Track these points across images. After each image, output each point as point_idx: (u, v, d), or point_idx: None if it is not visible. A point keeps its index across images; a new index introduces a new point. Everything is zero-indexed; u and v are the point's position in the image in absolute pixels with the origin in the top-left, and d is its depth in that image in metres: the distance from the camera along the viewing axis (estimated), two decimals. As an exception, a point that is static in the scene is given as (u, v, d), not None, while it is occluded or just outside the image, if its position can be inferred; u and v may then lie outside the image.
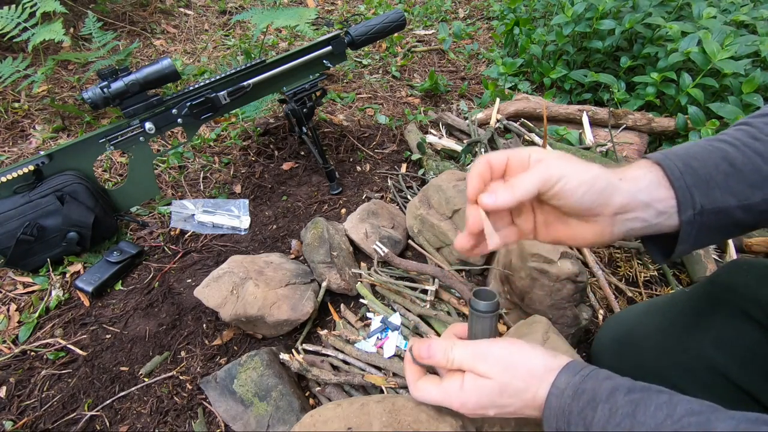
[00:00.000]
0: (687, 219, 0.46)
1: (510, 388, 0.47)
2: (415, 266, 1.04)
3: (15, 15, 1.61)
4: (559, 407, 0.44)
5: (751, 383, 0.64)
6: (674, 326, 0.74)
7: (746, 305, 0.63)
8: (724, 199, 0.46)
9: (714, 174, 0.46)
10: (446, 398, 0.51)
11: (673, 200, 0.46)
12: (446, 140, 1.51)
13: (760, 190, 0.46)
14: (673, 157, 0.47)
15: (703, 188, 0.46)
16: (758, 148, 0.47)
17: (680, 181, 0.45)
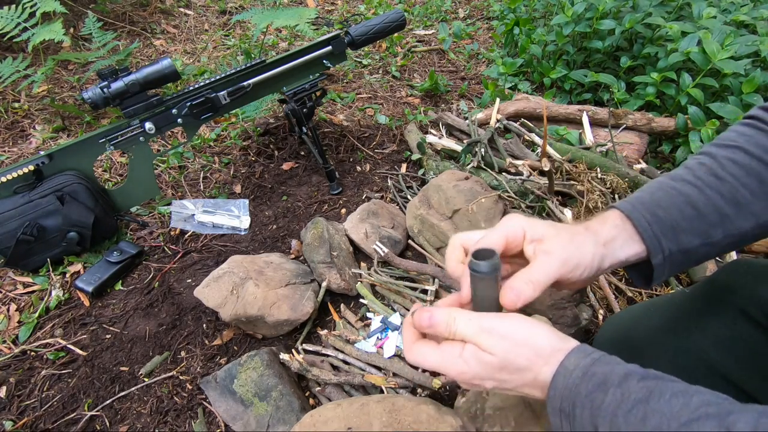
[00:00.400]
0: (657, 262, 0.52)
1: (512, 366, 0.45)
2: (415, 266, 1.04)
3: (15, 15, 1.61)
4: (566, 387, 0.42)
5: (750, 383, 0.64)
6: (674, 326, 0.74)
7: (746, 305, 0.63)
8: (688, 241, 0.52)
9: (679, 220, 0.52)
10: (443, 363, 0.47)
11: (644, 252, 0.52)
12: (446, 140, 1.51)
13: (720, 227, 0.52)
14: (641, 208, 0.52)
15: (670, 235, 0.51)
16: (719, 188, 0.52)
17: (648, 232, 0.51)
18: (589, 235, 0.51)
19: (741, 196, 0.52)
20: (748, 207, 0.52)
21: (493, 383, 0.46)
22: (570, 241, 0.50)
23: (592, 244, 0.51)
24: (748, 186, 0.52)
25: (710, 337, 0.68)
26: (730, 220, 0.52)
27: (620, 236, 0.52)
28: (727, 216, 0.52)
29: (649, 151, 1.52)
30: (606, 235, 0.52)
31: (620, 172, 1.31)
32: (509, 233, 0.52)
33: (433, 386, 0.81)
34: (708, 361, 0.67)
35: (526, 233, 0.52)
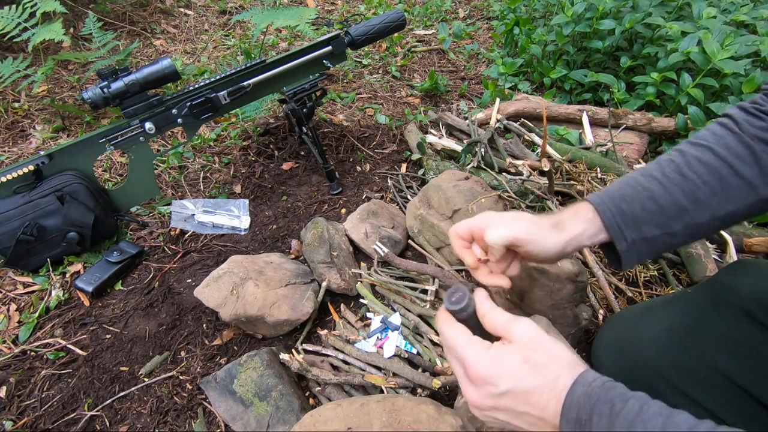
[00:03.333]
0: (622, 248, 0.60)
1: (534, 358, 0.45)
2: (415, 266, 1.04)
3: (15, 15, 1.61)
4: (585, 394, 0.42)
5: (752, 384, 0.64)
6: (675, 326, 0.74)
7: (748, 306, 0.63)
8: (649, 231, 0.59)
9: (640, 213, 0.59)
10: (467, 346, 0.48)
11: (609, 239, 0.60)
12: (446, 140, 1.51)
13: (679, 220, 0.59)
14: (609, 202, 0.60)
15: (631, 225, 0.59)
16: (682, 186, 0.59)
17: (612, 222, 0.59)
18: (556, 233, 0.61)
19: (701, 193, 0.58)
20: (707, 203, 0.58)
21: (509, 383, 0.45)
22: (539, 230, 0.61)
23: (555, 239, 0.61)
24: (709, 184, 0.58)
25: (712, 337, 0.68)
26: (688, 214, 0.58)
27: (588, 230, 0.61)
28: (686, 210, 0.58)
29: (649, 151, 1.52)
30: (574, 231, 0.61)
31: (620, 172, 1.31)
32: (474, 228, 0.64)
33: (433, 386, 0.81)
34: (710, 362, 0.67)
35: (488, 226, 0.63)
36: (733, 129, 0.60)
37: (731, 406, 0.66)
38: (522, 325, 0.48)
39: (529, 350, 0.46)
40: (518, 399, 0.45)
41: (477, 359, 0.47)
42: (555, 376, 0.44)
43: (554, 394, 0.44)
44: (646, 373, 0.76)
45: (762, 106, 0.60)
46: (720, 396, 0.67)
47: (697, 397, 0.69)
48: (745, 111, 0.61)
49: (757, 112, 0.60)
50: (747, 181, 0.57)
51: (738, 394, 0.65)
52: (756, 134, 0.58)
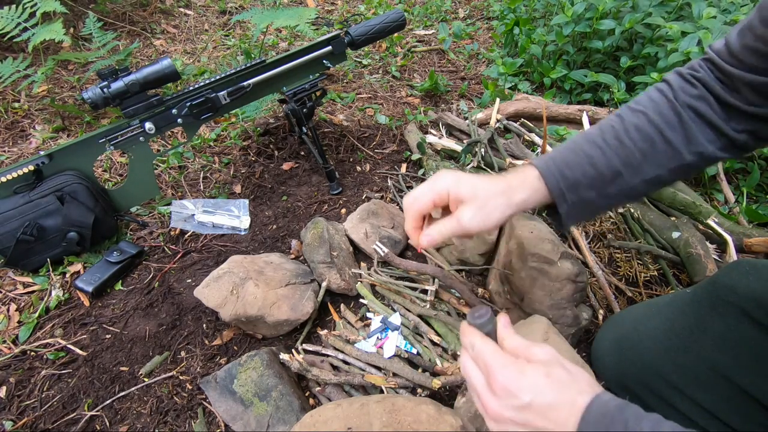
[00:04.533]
0: (563, 210, 0.64)
1: (556, 374, 0.46)
2: (415, 266, 1.04)
3: (15, 15, 1.61)
4: (601, 414, 0.43)
5: (751, 383, 0.64)
6: (675, 326, 0.74)
7: (748, 306, 0.63)
8: (587, 194, 0.63)
9: (580, 178, 0.63)
10: (494, 356, 0.49)
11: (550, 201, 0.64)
12: (446, 140, 1.51)
13: (614, 184, 0.62)
14: (554, 168, 0.63)
15: (572, 189, 0.63)
16: (618, 150, 0.62)
17: (556, 188, 0.63)
18: (504, 198, 0.63)
19: (634, 158, 0.61)
20: (638, 167, 0.62)
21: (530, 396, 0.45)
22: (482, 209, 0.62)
23: (503, 207, 0.62)
24: (641, 149, 0.61)
25: (712, 337, 0.68)
26: (622, 177, 0.62)
27: (534, 196, 0.64)
28: (621, 174, 0.62)
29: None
30: (521, 196, 0.63)
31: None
32: (436, 198, 0.64)
33: (433, 386, 0.81)
34: (710, 362, 0.67)
35: (450, 194, 0.63)
36: (668, 95, 0.62)
37: (730, 405, 0.66)
38: (542, 347, 0.49)
39: (551, 367, 0.47)
40: (538, 413, 0.45)
41: (503, 369, 0.47)
42: (575, 394, 0.45)
43: (574, 411, 0.44)
44: (646, 372, 0.76)
45: (696, 72, 0.62)
46: (719, 396, 0.67)
47: (697, 396, 0.69)
48: (682, 77, 0.64)
49: (692, 78, 0.62)
50: (673, 147, 0.61)
51: (737, 394, 0.65)
52: (687, 102, 0.61)
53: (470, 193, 0.62)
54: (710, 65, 0.62)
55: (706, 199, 1.34)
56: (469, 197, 0.62)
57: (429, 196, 0.64)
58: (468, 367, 0.52)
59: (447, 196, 0.63)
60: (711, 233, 1.16)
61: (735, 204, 1.32)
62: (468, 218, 0.61)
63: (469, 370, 0.52)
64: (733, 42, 0.58)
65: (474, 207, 0.62)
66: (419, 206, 0.65)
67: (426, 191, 0.64)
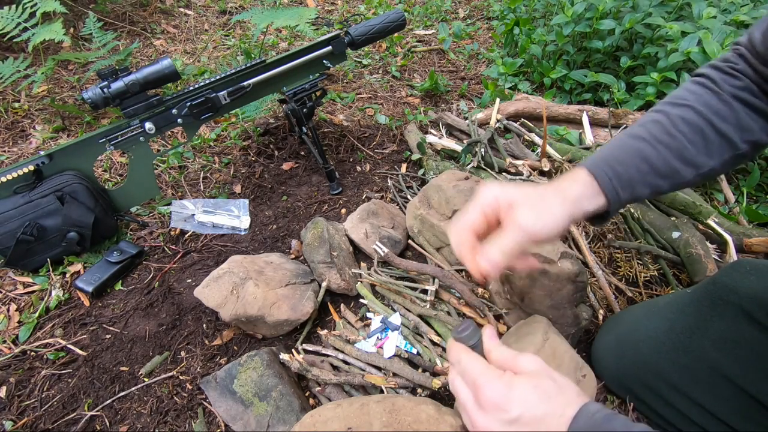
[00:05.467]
0: (613, 209, 0.60)
1: (544, 386, 0.46)
2: (415, 266, 1.04)
3: (15, 15, 1.61)
4: (587, 425, 0.44)
5: (751, 383, 0.64)
6: (675, 326, 0.74)
7: (748, 306, 0.63)
8: (641, 191, 0.61)
9: (635, 175, 0.60)
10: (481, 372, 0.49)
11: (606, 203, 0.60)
12: (446, 140, 1.51)
13: (668, 179, 0.60)
14: (604, 166, 0.60)
15: (627, 187, 0.59)
16: (670, 144, 0.60)
17: (609, 187, 0.59)
18: (558, 196, 0.57)
19: (687, 151, 0.60)
20: (692, 160, 0.60)
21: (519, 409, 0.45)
22: (538, 206, 0.56)
23: (559, 204, 0.57)
24: (693, 142, 0.60)
25: (712, 337, 0.68)
26: (677, 172, 0.60)
27: (587, 192, 0.59)
28: (675, 169, 0.60)
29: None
30: (574, 193, 0.58)
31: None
32: (484, 205, 0.58)
33: (433, 386, 0.81)
34: (709, 362, 0.67)
35: (499, 202, 0.58)
36: (712, 87, 0.62)
37: (730, 405, 0.66)
38: (529, 358, 0.49)
39: (539, 379, 0.47)
40: (527, 426, 0.45)
41: (490, 384, 0.47)
42: (564, 405, 0.45)
43: (562, 422, 0.44)
44: (646, 372, 0.76)
45: (736, 65, 0.62)
46: (719, 396, 0.67)
47: (697, 397, 0.69)
48: (720, 70, 0.63)
49: (732, 71, 0.62)
50: (726, 138, 0.60)
51: (737, 394, 0.65)
52: (733, 92, 0.60)
53: (521, 194, 0.57)
54: (744, 59, 0.61)
55: (706, 199, 1.34)
56: (521, 198, 0.56)
57: (477, 208, 0.57)
58: (456, 384, 0.52)
59: (496, 203, 0.57)
60: (711, 233, 1.16)
61: (735, 204, 1.32)
62: (530, 221, 0.54)
63: (457, 386, 0.52)
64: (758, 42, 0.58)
65: (530, 206, 0.55)
66: (469, 222, 0.57)
67: (472, 206, 0.58)
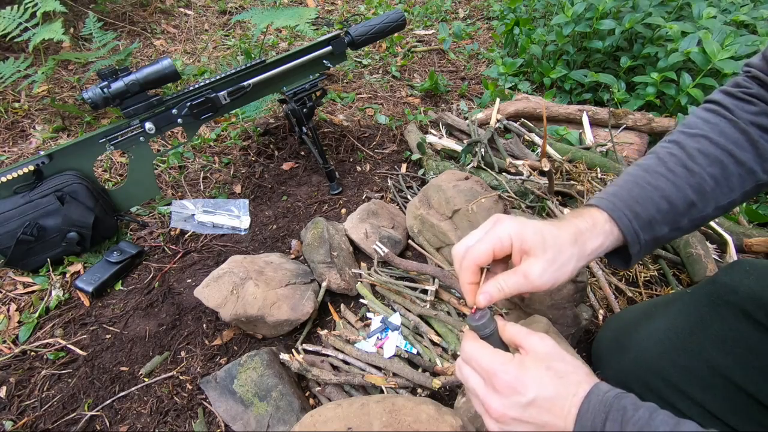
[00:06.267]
0: (635, 251, 0.58)
1: (556, 366, 0.46)
2: (415, 266, 1.04)
3: (16, 15, 1.61)
4: (599, 402, 0.44)
5: (751, 383, 0.64)
6: (675, 326, 0.74)
7: (747, 306, 0.63)
8: (660, 230, 0.58)
9: (654, 214, 0.57)
10: (492, 357, 0.49)
11: (622, 244, 0.58)
12: (446, 140, 1.51)
13: (687, 215, 0.58)
14: (623, 207, 0.57)
15: (647, 228, 0.57)
16: (689, 180, 0.57)
17: (630, 230, 0.57)
18: (576, 249, 0.55)
19: (706, 184, 0.57)
20: (711, 194, 0.57)
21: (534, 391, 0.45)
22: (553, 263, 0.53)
23: (575, 260, 0.54)
24: (712, 175, 0.57)
25: (712, 337, 0.68)
26: (696, 208, 0.57)
27: (607, 242, 0.57)
28: (694, 205, 0.57)
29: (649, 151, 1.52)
30: (594, 244, 0.56)
31: (620, 172, 1.31)
32: (497, 244, 0.54)
33: (433, 386, 0.81)
34: (709, 361, 0.67)
35: (513, 243, 0.54)
36: (726, 116, 0.59)
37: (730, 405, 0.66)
38: (541, 337, 0.49)
39: (551, 359, 0.47)
40: (542, 408, 0.45)
41: (503, 367, 0.47)
42: (576, 383, 0.46)
43: (575, 401, 0.45)
44: (646, 372, 0.76)
45: (749, 89, 0.60)
46: (719, 395, 0.67)
47: (697, 396, 0.69)
48: (733, 96, 0.61)
49: (745, 96, 0.59)
50: (746, 167, 0.57)
51: (737, 394, 0.65)
52: (750, 119, 0.58)
53: (539, 243, 0.53)
54: (758, 82, 0.59)
55: (706, 199, 1.34)
56: (538, 248, 0.52)
57: (488, 245, 0.54)
58: (464, 371, 0.52)
59: (510, 245, 0.54)
60: (711, 233, 1.16)
61: (735, 204, 1.31)
62: (538, 274, 0.52)
63: (465, 372, 0.51)
64: None
65: (544, 261, 0.52)
66: (476, 257, 0.54)
67: (484, 240, 0.54)
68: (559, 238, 0.54)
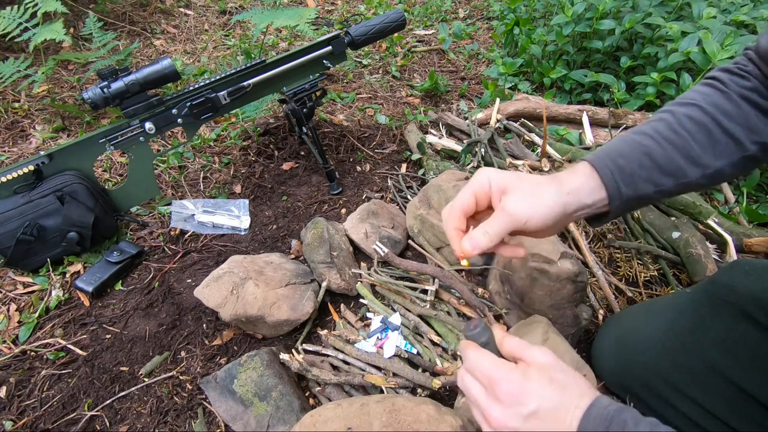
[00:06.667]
0: (615, 207, 0.58)
1: (557, 378, 0.46)
2: (415, 266, 1.04)
3: (16, 15, 1.61)
4: (600, 416, 0.44)
5: (751, 383, 0.64)
6: (675, 326, 0.74)
7: (747, 306, 0.63)
8: (644, 188, 0.58)
9: (637, 169, 0.57)
10: (495, 366, 0.49)
11: (606, 198, 0.58)
12: (446, 140, 1.51)
13: (672, 177, 0.58)
14: (606, 159, 0.58)
15: (628, 181, 0.57)
16: (675, 141, 0.58)
17: (610, 180, 0.57)
18: (554, 185, 0.56)
19: (692, 150, 0.58)
20: (698, 159, 0.58)
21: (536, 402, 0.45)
22: (530, 194, 0.55)
23: (554, 194, 0.55)
24: (699, 141, 0.58)
25: (711, 337, 0.68)
26: (682, 170, 0.58)
27: (587, 184, 0.57)
28: (680, 167, 0.58)
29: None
30: (572, 184, 0.57)
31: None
32: (476, 188, 0.57)
33: (433, 386, 0.81)
34: (709, 361, 0.67)
35: (491, 184, 0.57)
36: (720, 88, 0.60)
37: (730, 405, 0.66)
38: (541, 349, 0.49)
39: (552, 371, 0.47)
40: (544, 420, 0.45)
41: (506, 376, 0.47)
42: (579, 395, 0.46)
43: (576, 414, 0.44)
44: (646, 372, 0.76)
45: (745, 66, 0.61)
46: (719, 396, 0.67)
47: (696, 396, 0.69)
48: (729, 71, 0.62)
49: (741, 71, 0.61)
50: (734, 137, 0.58)
51: (736, 394, 0.65)
52: (741, 93, 0.59)
53: (515, 178, 0.55)
54: (754, 63, 0.60)
55: (706, 199, 1.34)
56: (514, 183, 0.55)
57: (468, 190, 0.57)
58: (466, 380, 0.52)
59: (489, 187, 0.56)
60: (711, 233, 1.16)
61: (735, 204, 1.32)
62: (515, 204, 0.53)
63: (467, 381, 0.51)
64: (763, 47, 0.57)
65: (520, 191, 0.54)
66: (458, 204, 0.57)
67: (465, 188, 0.58)
68: (534, 177, 0.57)
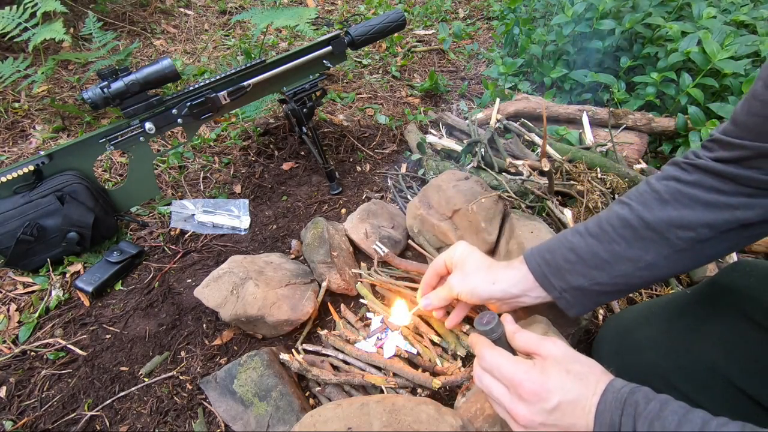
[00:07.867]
0: (555, 296, 0.65)
1: (574, 369, 0.49)
2: (415, 266, 1.04)
3: (16, 15, 1.61)
4: (615, 399, 0.46)
5: (751, 385, 0.64)
6: (675, 327, 0.74)
7: (748, 307, 0.64)
8: (575, 280, 0.63)
9: (562, 263, 0.63)
10: (514, 365, 0.52)
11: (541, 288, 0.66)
12: (446, 140, 1.51)
13: (603, 271, 0.61)
14: (537, 254, 0.67)
15: (556, 275, 0.64)
16: (598, 236, 0.62)
17: (538, 272, 0.65)
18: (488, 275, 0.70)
19: (616, 243, 0.61)
20: (622, 253, 0.61)
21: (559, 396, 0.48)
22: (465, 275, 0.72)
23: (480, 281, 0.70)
24: (623, 236, 0.61)
25: (711, 338, 0.68)
26: (610, 265, 0.61)
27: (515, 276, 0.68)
28: (607, 262, 0.61)
29: (649, 151, 1.52)
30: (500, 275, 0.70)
31: (620, 172, 1.31)
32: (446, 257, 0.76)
33: (433, 386, 0.81)
34: (709, 363, 0.67)
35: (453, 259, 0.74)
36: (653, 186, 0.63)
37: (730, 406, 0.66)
38: (553, 342, 0.52)
39: (568, 363, 0.50)
40: (566, 412, 0.48)
41: (527, 375, 0.50)
42: (595, 382, 0.48)
43: (594, 400, 0.47)
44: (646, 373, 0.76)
45: (697, 159, 0.60)
46: (719, 397, 0.67)
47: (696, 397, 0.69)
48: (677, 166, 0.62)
49: (688, 166, 0.61)
50: (657, 231, 0.59)
51: (736, 395, 0.65)
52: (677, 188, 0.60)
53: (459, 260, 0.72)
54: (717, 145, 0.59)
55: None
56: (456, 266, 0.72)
57: (441, 257, 0.76)
58: (485, 381, 0.54)
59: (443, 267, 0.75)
60: (711, 233, 1.15)
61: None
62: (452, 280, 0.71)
63: (488, 382, 0.54)
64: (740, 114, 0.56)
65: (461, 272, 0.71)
66: (435, 265, 0.76)
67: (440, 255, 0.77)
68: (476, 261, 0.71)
